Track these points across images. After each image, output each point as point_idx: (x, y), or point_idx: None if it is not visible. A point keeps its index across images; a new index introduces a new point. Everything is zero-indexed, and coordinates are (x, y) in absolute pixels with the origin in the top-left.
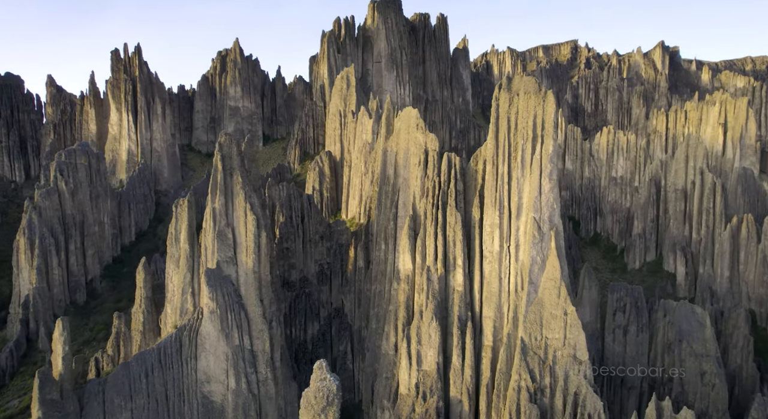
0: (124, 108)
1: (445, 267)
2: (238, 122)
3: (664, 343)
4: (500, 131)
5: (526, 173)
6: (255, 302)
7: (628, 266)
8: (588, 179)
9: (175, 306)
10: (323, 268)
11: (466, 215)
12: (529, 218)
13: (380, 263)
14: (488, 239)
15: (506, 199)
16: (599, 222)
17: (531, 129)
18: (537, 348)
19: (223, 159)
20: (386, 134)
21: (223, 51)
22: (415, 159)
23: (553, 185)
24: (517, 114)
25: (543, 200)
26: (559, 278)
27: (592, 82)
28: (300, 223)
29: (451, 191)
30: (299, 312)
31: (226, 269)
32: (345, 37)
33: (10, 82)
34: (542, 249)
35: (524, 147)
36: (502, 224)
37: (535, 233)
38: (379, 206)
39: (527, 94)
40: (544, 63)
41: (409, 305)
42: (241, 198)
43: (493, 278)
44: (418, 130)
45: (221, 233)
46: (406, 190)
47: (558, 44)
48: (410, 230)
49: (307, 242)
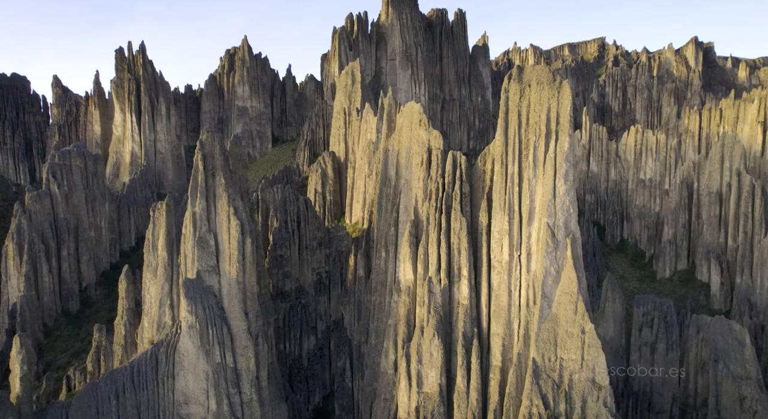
0: (127, 108)
1: (448, 278)
2: (246, 123)
3: (697, 363)
4: (510, 127)
5: (538, 173)
6: (239, 315)
7: (658, 274)
8: (614, 181)
9: (152, 320)
10: (321, 277)
11: (472, 220)
12: (542, 224)
13: (380, 273)
14: (497, 247)
15: (517, 202)
16: (626, 228)
17: (544, 124)
18: (551, 370)
19: (204, 158)
20: (387, 131)
21: (232, 49)
22: (418, 158)
23: (569, 187)
24: (529, 107)
25: (558, 203)
26: (575, 291)
27: (620, 81)
28: (296, 228)
29: (455, 194)
30: (294, 325)
31: (208, 280)
32: (357, 34)
33: (16, 83)
34: (557, 259)
35: (536, 144)
36: (512, 231)
37: (548, 241)
38: (380, 210)
39: (540, 84)
40: (570, 61)
41: (410, 319)
42: (224, 201)
43: (502, 291)
44: (420, 126)
45: (202, 239)
46: (408, 192)
47: (584, 42)
48: (411, 236)
49: (304, 249)
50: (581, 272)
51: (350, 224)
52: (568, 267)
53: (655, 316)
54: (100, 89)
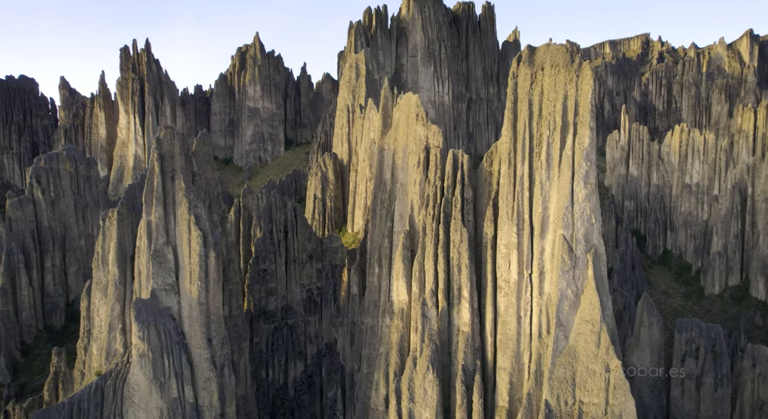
0: (131, 110)
1: (447, 300)
2: (257, 125)
3: (753, 402)
4: (519, 119)
5: (552, 174)
6: (201, 342)
7: (706, 291)
8: (656, 186)
9: (101, 347)
10: (312, 295)
11: (476, 231)
12: (558, 237)
13: (373, 291)
14: (503, 263)
15: (527, 210)
16: (670, 238)
17: (560, 115)
18: (567, 415)
19: (161, 159)
20: (383, 128)
21: (243, 47)
22: (414, 158)
23: (590, 192)
24: (542, 95)
25: (576, 211)
26: (598, 319)
27: (665, 77)
28: (282, 239)
29: (455, 200)
30: (278, 350)
31: (165, 300)
32: (376, 29)
33: (24, 85)
34: (575, 279)
35: (550, 140)
36: (521, 244)
37: (565, 257)
38: (374, 218)
39: (555, 67)
40: (610, 58)
41: (404, 347)
42: (184, 209)
43: (510, 317)
44: (418, 121)
45: (158, 253)
46: (403, 198)
47: (627, 39)
48: (405, 250)
49: (292, 263)
50: (606, 295)
51: (351, 234)
52: (590, 290)
53: (700, 344)
54: (106, 90)
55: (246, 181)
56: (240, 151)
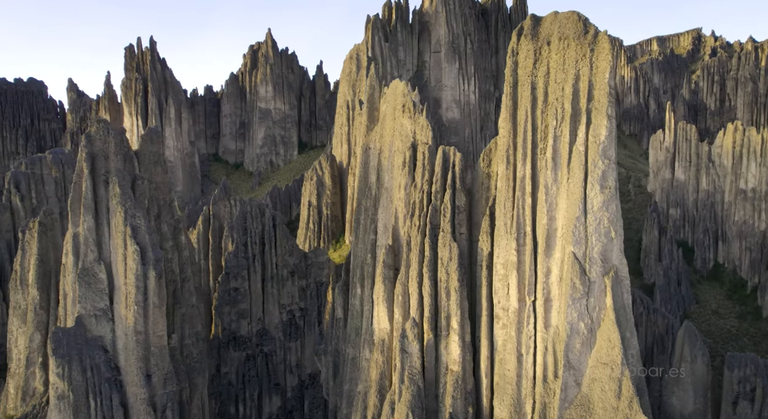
0: (134, 112)
1: (434, 331)
2: (269, 127)
3: None
4: (519, 107)
5: (560, 176)
6: (137, 379)
7: (763, 311)
8: (706, 191)
9: (18, 385)
10: (294, 317)
11: (471, 246)
12: (567, 255)
13: (355, 316)
14: (501, 287)
15: (528, 221)
16: (722, 250)
17: (569, 100)
18: None
19: (92, 159)
20: (369, 123)
21: (255, 44)
22: (399, 158)
23: (609, 198)
24: (548, 76)
25: (590, 223)
26: (619, 362)
27: (717, 73)
28: (258, 253)
29: (445, 208)
30: (250, 381)
31: (95, 328)
32: (396, 23)
33: (32, 88)
34: (589, 309)
35: (558, 133)
36: (521, 264)
37: (575, 281)
38: (357, 229)
39: (564, 41)
40: (657, 55)
41: (384, 386)
42: (119, 219)
43: (509, 355)
44: (404, 113)
45: (87, 272)
46: (388, 206)
47: (676, 35)
48: (387, 268)
49: (269, 280)
50: (629, 329)
51: (349, 246)
52: (608, 323)
53: (757, 384)
54: (111, 92)
55: (255, 187)
56: (251, 155)
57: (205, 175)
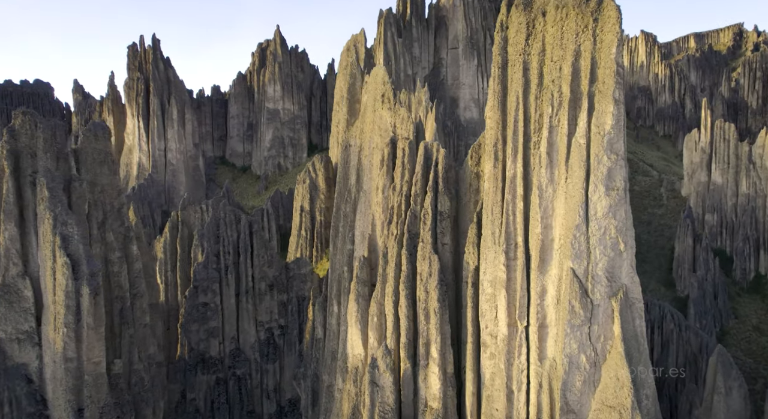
0: (136, 113)
1: (412, 359)
2: (277, 128)
3: None
4: (510, 93)
5: (557, 175)
6: (66, 414)
7: None
8: (746, 196)
9: None
10: (272, 335)
11: (457, 258)
12: (565, 272)
13: (332, 338)
14: (488, 309)
15: (520, 230)
16: (763, 259)
17: (567, 82)
18: None
19: (15, 157)
20: (348, 117)
21: (264, 42)
22: (378, 155)
23: (616, 202)
24: (543, 54)
25: (593, 232)
26: (629, 405)
27: (760, 69)
28: (232, 264)
29: (425, 214)
30: (220, 409)
31: (18, 354)
32: (411, 18)
33: (38, 90)
34: (592, 339)
35: (554, 122)
36: (511, 281)
37: (575, 304)
38: (335, 238)
39: (562, 10)
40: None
41: None
42: (47, 227)
43: (497, 391)
44: (384, 104)
45: (9, 288)
46: (365, 211)
47: (716, 30)
48: (361, 284)
49: (244, 295)
50: (643, 362)
51: None
52: (615, 357)
53: None
54: (115, 93)
55: (262, 191)
56: (258, 158)
57: (210, 179)
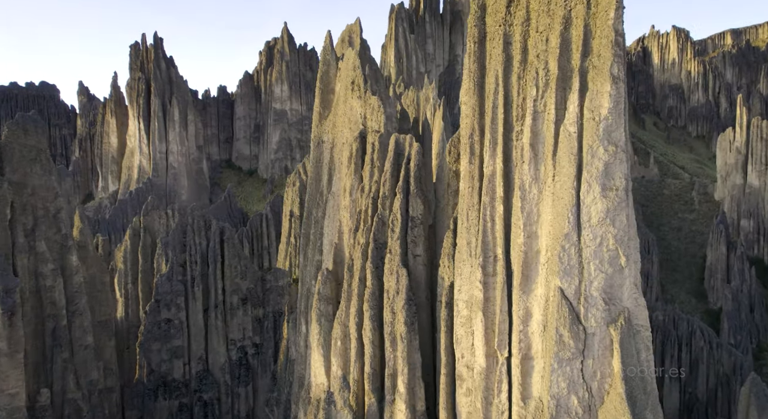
0: (137, 114)
1: (378, 393)
2: (284, 130)
3: None
4: (488, 72)
5: (543, 172)
6: None
7: None
8: None
9: None
10: (246, 355)
11: (430, 273)
12: (552, 291)
13: (299, 362)
14: (464, 334)
15: (499, 240)
16: None
17: (554, 56)
18: None
19: None
20: (321, 110)
21: (272, 40)
22: (347, 151)
23: (615, 205)
24: (527, 24)
25: (586, 242)
26: None
27: None
28: (200, 276)
29: (394, 219)
30: None
31: None
32: (424, 13)
33: (44, 92)
34: (585, 375)
35: (539, 107)
36: (490, 302)
37: (563, 333)
38: (305, 247)
39: None
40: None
41: None
42: None
43: None
44: (353, 92)
45: None
46: (333, 216)
47: (754, 26)
48: (324, 302)
49: (213, 310)
50: (651, 409)
51: None
52: (615, 399)
53: None
54: (119, 94)
55: (267, 195)
56: (265, 160)
57: (215, 183)
